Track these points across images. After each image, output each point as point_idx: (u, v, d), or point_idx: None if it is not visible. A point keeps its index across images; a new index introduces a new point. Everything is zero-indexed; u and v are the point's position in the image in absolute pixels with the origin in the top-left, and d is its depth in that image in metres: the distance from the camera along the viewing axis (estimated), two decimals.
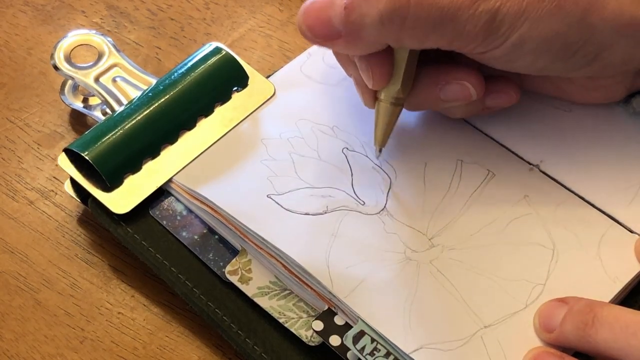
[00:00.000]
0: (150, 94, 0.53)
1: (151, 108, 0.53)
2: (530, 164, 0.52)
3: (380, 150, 0.51)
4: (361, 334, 0.46)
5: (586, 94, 0.52)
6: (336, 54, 0.52)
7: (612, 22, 0.45)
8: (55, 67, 0.56)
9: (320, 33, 0.46)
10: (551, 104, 0.54)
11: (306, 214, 0.50)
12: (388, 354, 0.45)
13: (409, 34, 0.45)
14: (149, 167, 0.52)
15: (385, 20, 0.44)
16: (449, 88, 0.49)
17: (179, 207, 0.52)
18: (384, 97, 0.49)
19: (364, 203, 0.50)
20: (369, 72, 0.48)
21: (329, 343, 0.46)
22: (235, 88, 0.55)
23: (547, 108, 0.53)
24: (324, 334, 0.46)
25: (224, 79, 0.55)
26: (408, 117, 0.54)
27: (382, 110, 0.50)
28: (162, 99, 0.53)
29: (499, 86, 0.51)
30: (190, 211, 0.52)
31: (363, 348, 0.45)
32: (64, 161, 0.52)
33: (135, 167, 0.52)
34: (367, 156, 0.52)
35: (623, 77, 0.50)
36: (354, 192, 0.50)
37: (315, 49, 0.57)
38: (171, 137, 0.53)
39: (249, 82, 0.55)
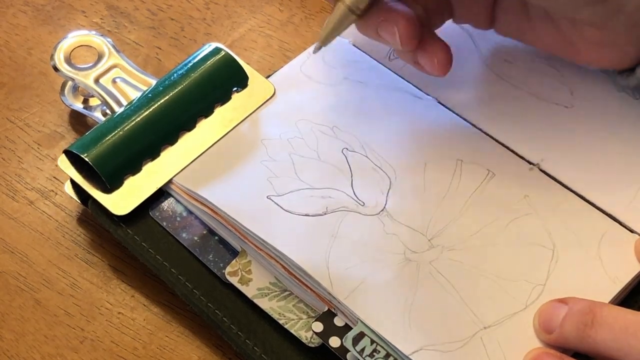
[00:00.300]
0: (150, 94, 0.53)
1: (151, 109, 0.53)
2: (530, 163, 0.52)
3: (319, 48, 0.50)
4: (361, 335, 0.46)
5: (596, 52, 0.50)
6: None
7: None
8: (55, 69, 0.56)
9: None
10: (551, 100, 0.53)
11: (306, 215, 0.50)
12: (388, 356, 0.45)
13: None
14: (148, 168, 0.52)
15: None
16: (384, 24, 0.49)
17: (179, 208, 0.52)
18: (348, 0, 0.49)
19: (364, 204, 0.50)
20: None
21: (328, 344, 0.46)
22: (235, 88, 0.55)
23: (547, 106, 0.53)
24: (324, 335, 0.46)
25: (224, 80, 0.55)
26: (407, 116, 0.54)
27: (338, 10, 0.49)
28: (162, 100, 0.53)
29: (430, 46, 0.50)
30: (190, 212, 0.52)
31: (363, 349, 0.45)
32: (63, 162, 0.52)
33: (135, 169, 0.52)
34: (367, 157, 0.52)
35: (635, 34, 0.48)
36: (354, 193, 0.50)
37: None
38: (171, 138, 0.53)
39: (248, 83, 0.55)
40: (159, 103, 0.53)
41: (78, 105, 0.58)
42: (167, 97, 0.53)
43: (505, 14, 0.52)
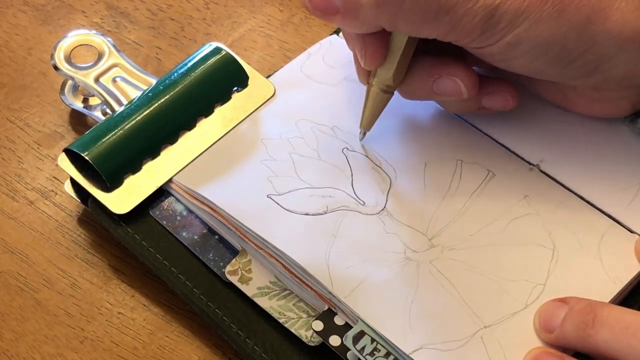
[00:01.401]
0: (150, 94, 0.53)
1: (151, 108, 0.53)
2: (530, 163, 0.52)
3: (364, 134, 0.52)
4: (361, 334, 0.46)
5: (591, 106, 0.51)
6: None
7: (614, 34, 0.45)
8: (55, 68, 0.56)
9: (320, 6, 0.46)
10: (552, 103, 0.53)
11: (306, 214, 0.50)
12: (388, 354, 0.45)
13: (404, 20, 0.45)
14: (149, 167, 0.52)
15: (381, 4, 0.45)
16: (441, 82, 0.49)
17: (179, 207, 0.52)
18: (375, 82, 0.50)
19: (364, 203, 0.50)
20: (362, 50, 0.48)
21: (328, 343, 0.46)
22: (235, 88, 0.55)
23: (547, 107, 0.53)
24: (324, 334, 0.46)
25: (224, 79, 0.55)
26: (407, 116, 0.54)
27: (372, 95, 0.50)
28: (162, 99, 0.53)
29: (497, 88, 0.51)
30: (190, 211, 0.52)
31: (363, 348, 0.45)
32: (64, 161, 0.52)
33: (135, 168, 0.52)
34: (367, 156, 0.52)
35: (628, 92, 0.49)
36: (354, 192, 0.50)
37: (315, 49, 0.57)
38: (171, 137, 0.53)
39: (249, 82, 0.55)
40: (159, 102, 0.53)
41: (78, 105, 0.58)
42: (168, 96, 0.53)
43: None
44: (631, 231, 0.49)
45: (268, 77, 0.56)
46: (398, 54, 0.48)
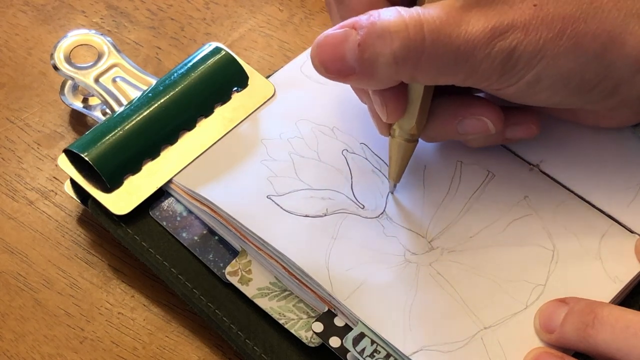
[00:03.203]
0: (150, 94, 0.53)
1: (151, 108, 0.53)
2: (530, 164, 0.52)
3: (394, 186, 0.50)
4: (361, 335, 0.46)
5: (599, 120, 0.51)
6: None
7: (632, 59, 0.44)
8: (55, 67, 0.56)
9: (334, 69, 0.45)
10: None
11: (306, 215, 0.50)
12: (388, 356, 0.45)
13: (422, 73, 0.44)
14: (148, 167, 0.52)
15: (400, 60, 0.44)
16: (466, 122, 0.49)
17: (179, 208, 0.52)
18: (398, 134, 0.48)
19: (364, 206, 0.50)
20: (382, 106, 0.47)
21: (328, 344, 0.46)
22: (235, 88, 0.55)
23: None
24: (324, 335, 0.46)
25: (224, 79, 0.55)
26: None
27: (396, 147, 0.49)
28: (162, 100, 0.53)
29: (519, 119, 0.50)
30: (190, 212, 0.52)
31: (363, 350, 0.45)
32: (63, 162, 0.52)
33: (135, 168, 0.52)
34: (366, 159, 0.52)
35: (638, 106, 0.49)
36: (354, 195, 0.50)
37: None
38: (171, 138, 0.53)
39: (249, 82, 0.55)
40: (159, 102, 0.53)
41: (78, 105, 0.58)
42: (168, 96, 0.53)
43: None
44: (631, 231, 0.49)
45: (268, 77, 0.56)
46: (418, 103, 0.47)
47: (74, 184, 0.53)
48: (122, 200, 0.51)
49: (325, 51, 0.45)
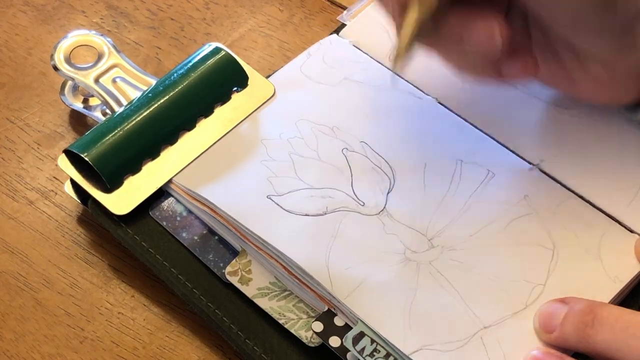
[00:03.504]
0: (150, 94, 0.53)
1: (151, 109, 0.53)
2: (530, 163, 0.52)
3: (396, 64, 0.46)
4: (361, 335, 0.46)
5: (597, 89, 0.49)
6: None
7: None
8: (55, 68, 0.56)
9: None
10: (552, 102, 0.53)
11: (306, 214, 0.50)
12: (388, 355, 0.45)
13: None
14: (148, 168, 0.52)
15: None
16: (474, 28, 0.46)
17: (179, 208, 0.52)
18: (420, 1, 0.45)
19: (364, 204, 0.50)
20: None
21: (328, 344, 0.46)
22: (235, 88, 0.55)
23: (547, 106, 0.53)
24: (324, 335, 0.46)
25: (224, 79, 0.55)
26: (407, 116, 0.54)
27: (411, 18, 0.45)
28: (162, 100, 0.53)
29: (519, 54, 0.49)
30: (190, 212, 0.52)
31: (363, 349, 0.45)
32: (63, 162, 0.52)
33: (135, 168, 0.52)
34: (367, 157, 0.52)
35: (638, 77, 0.48)
36: (354, 193, 0.50)
37: (315, 49, 0.57)
38: (171, 138, 0.53)
39: (248, 82, 0.55)
40: (159, 103, 0.53)
41: (78, 105, 0.58)
42: (167, 96, 0.53)
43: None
44: (631, 231, 0.49)
45: (268, 77, 0.56)
46: None
47: (74, 184, 0.53)
48: (122, 200, 0.51)
49: None
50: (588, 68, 0.48)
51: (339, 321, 0.47)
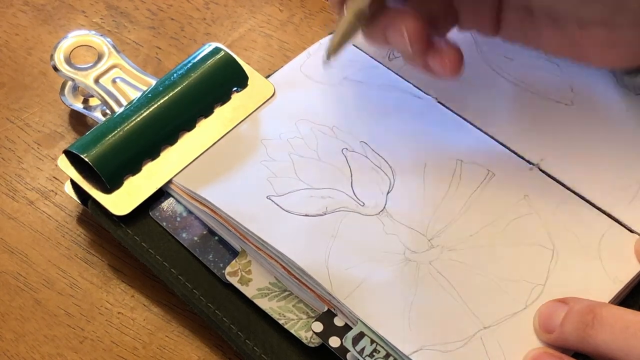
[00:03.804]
0: (150, 95, 0.53)
1: (151, 109, 0.53)
2: (530, 163, 0.52)
3: (328, 58, 0.49)
4: (361, 335, 0.46)
5: (603, 52, 0.49)
6: None
7: None
8: (55, 68, 0.56)
9: None
10: (552, 98, 0.53)
11: (306, 215, 0.50)
12: (388, 355, 0.45)
13: None
14: (148, 168, 0.52)
15: None
16: (391, 28, 0.48)
17: (178, 209, 0.52)
18: (350, 7, 0.47)
19: (364, 204, 0.50)
20: None
21: (328, 344, 0.46)
22: (235, 88, 0.55)
23: (547, 104, 0.53)
24: (324, 335, 0.46)
25: (224, 80, 0.55)
26: (407, 116, 0.54)
27: (345, 20, 0.48)
28: (162, 100, 0.53)
29: (443, 48, 0.49)
30: (190, 212, 0.52)
31: (363, 349, 0.45)
32: (63, 163, 0.52)
33: (135, 169, 0.52)
34: (366, 157, 0.52)
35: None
36: (354, 193, 0.50)
37: (315, 49, 0.57)
38: (171, 138, 0.53)
39: (248, 82, 0.55)
40: (159, 103, 0.53)
41: (78, 105, 0.58)
42: (167, 97, 0.53)
43: (510, 19, 0.51)
44: (631, 231, 0.49)
45: (268, 77, 0.56)
46: None
47: (74, 184, 0.53)
48: (122, 200, 0.51)
49: None
50: (590, 32, 0.48)
51: (338, 321, 0.47)
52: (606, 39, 0.48)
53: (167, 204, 0.52)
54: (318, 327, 0.47)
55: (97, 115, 0.57)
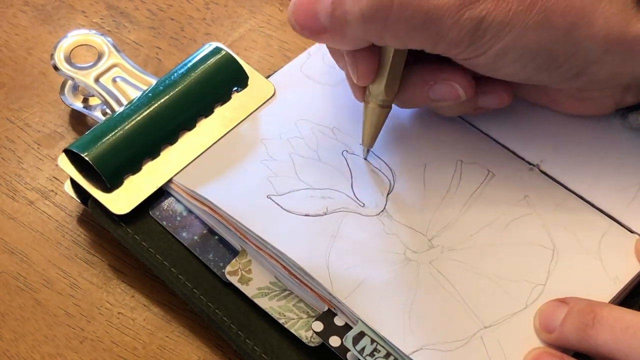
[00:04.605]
0: (150, 94, 0.53)
1: (151, 108, 0.53)
2: (530, 163, 0.52)
3: (367, 151, 0.52)
4: (361, 334, 0.46)
5: (576, 105, 0.51)
6: (328, 46, 0.52)
7: (599, 39, 0.45)
8: (55, 68, 0.56)
9: (307, 26, 0.47)
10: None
11: (306, 215, 0.50)
12: (388, 355, 0.45)
13: (391, 34, 0.45)
14: (149, 167, 0.52)
15: (367, 19, 0.45)
16: (437, 88, 0.49)
17: (179, 208, 0.52)
18: (371, 99, 0.50)
19: (364, 205, 0.50)
20: (354, 67, 0.48)
21: (328, 344, 0.46)
22: (235, 88, 0.55)
23: (547, 107, 0.53)
24: (324, 334, 0.46)
25: (224, 79, 0.55)
26: (407, 117, 0.54)
27: (369, 112, 0.50)
28: (162, 100, 0.53)
29: (491, 87, 0.50)
30: (190, 212, 0.52)
31: (363, 349, 0.45)
32: (63, 162, 0.52)
33: (135, 168, 0.52)
34: (366, 158, 0.52)
35: (612, 91, 0.50)
36: (354, 194, 0.50)
37: (315, 49, 0.57)
38: (171, 138, 0.53)
39: (248, 82, 0.55)
40: (159, 102, 0.53)
41: (78, 105, 0.58)
42: (167, 96, 0.53)
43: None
44: (631, 231, 0.49)
45: (268, 77, 0.56)
46: (388, 66, 0.48)
47: (74, 183, 0.53)
48: (122, 200, 0.51)
49: (300, 9, 0.46)
50: (562, 90, 0.50)
51: (339, 321, 0.47)
52: (578, 96, 0.50)
53: (167, 203, 0.52)
54: (318, 326, 0.47)
55: (97, 114, 0.57)
